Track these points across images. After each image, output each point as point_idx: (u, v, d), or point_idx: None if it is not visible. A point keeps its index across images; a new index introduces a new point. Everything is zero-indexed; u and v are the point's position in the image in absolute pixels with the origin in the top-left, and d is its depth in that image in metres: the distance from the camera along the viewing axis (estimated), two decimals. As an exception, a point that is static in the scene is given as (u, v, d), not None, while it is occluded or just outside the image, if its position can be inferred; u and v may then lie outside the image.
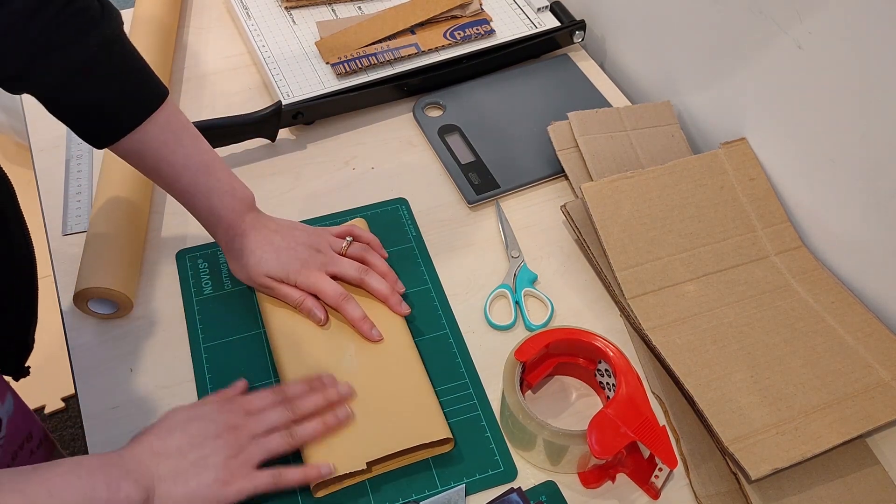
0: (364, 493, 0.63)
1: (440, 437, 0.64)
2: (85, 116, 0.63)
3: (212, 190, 0.68)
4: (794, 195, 0.80)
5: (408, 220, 0.83)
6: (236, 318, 0.74)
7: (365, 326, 0.70)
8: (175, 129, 0.66)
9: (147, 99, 0.64)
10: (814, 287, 0.76)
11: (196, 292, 0.76)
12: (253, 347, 0.72)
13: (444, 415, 0.66)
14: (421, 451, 0.65)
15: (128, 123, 0.64)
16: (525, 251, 0.81)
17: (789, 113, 0.77)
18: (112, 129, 0.64)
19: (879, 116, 0.68)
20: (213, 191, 0.68)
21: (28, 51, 0.57)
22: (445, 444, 0.66)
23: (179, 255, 0.79)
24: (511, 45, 0.98)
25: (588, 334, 0.67)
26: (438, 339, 0.73)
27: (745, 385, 0.68)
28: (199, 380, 0.69)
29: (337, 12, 1.01)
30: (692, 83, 0.91)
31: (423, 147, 0.91)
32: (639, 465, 0.64)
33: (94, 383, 0.69)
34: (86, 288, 0.69)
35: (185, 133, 0.67)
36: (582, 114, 0.86)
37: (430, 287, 0.77)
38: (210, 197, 0.69)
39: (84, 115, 0.63)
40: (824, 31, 0.70)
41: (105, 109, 0.63)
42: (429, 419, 0.65)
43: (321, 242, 0.73)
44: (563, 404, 0.70)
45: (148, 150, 0.65)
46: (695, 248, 0.77)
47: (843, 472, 0.65)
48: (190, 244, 0.80)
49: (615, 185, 0.78)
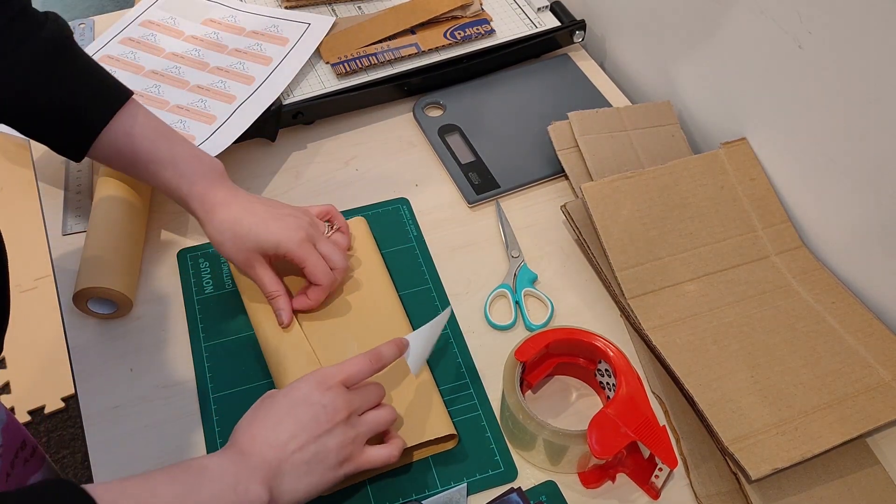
0: (364, 492, 0.63)
1: (445, 434, 0.64)
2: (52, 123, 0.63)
3: (176, 156, 0.67)
4: (794, 195, 0.80)
5: (409, 219, 0.83)
6: (237, 318, 0.74)
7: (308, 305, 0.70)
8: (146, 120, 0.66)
9: (111, 96, 0.64)
10: (814, 287, 0.76)
11: (197, 291, 0.76)
12: (254, 346, 0.72)
13: (447, 411, 0.67)
14: (425, 447, 0.65)
15: (96, 121, 0.63)
16: (525, 251, 0.81)
17: (789, 113, 0.77)
18: (82, 131, 0.63)
19: (879, 116, 0.68)
20: (177, 157, 0.67)
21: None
22: (449, 441, 0.66)
23: (181, 254, 0.79)
24: (511, 45, 0.98)
25: (588, 334, 0.67)
26: (439, 338, 0.73)
27: (745, 385, 0.67)
28: (200, 379, 0.69)
29: (337, 12, 1.01)
30: (692, 83, 0.91)
31: (423, 147, 0.91)
32: (639, 465, 0.64)
33: (94, 383, 0.69)
34: (86, 288, 0.69)
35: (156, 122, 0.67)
36: (582, 114, 0.86)
37: (431, 287, 0.77)
38: (176, 163, 0.67)
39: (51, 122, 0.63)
40: (824, 31, 0.70)
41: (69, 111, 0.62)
42: (433, 416, 0.65)
43: (307, 215, 0.71)
44: (563, 404, 0.70)
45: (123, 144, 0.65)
46: (695, 248, 0.77)
47: (843, 472, 0.65)
48: (190, 244, 0.80)
49: (615, 185, 0.78)
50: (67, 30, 0.63)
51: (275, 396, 0.58)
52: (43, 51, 0.60)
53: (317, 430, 0.56)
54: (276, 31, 0.95)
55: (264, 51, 0.92)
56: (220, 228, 0.67)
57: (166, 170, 0.66)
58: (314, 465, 0.55)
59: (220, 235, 0.67)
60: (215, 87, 0.88)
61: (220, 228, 0.67)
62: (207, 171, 0.68)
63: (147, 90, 0.88)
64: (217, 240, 0.68)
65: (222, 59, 0.92)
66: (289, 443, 0.55)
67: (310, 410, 0.57)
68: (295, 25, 0.96)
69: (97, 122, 0.63)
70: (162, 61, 0.91)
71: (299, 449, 0.55)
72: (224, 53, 0.92)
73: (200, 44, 0.94)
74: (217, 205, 0.67)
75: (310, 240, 0.69)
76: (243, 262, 0.68)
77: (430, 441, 0.64)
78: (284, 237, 0.67)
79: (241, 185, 0.85)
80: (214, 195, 0.68)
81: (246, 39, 0.94)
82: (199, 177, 0.67)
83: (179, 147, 0.67)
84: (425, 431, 0.64)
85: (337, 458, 0.57)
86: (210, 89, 0.88)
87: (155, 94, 0.87)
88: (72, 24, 0.99)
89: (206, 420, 0.67)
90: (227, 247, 0.68)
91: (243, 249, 0.67)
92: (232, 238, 0.67)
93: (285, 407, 0.57)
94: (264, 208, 0.69)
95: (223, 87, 0.88)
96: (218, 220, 0.67)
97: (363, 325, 0.71)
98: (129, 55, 0.91)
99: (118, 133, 0.64)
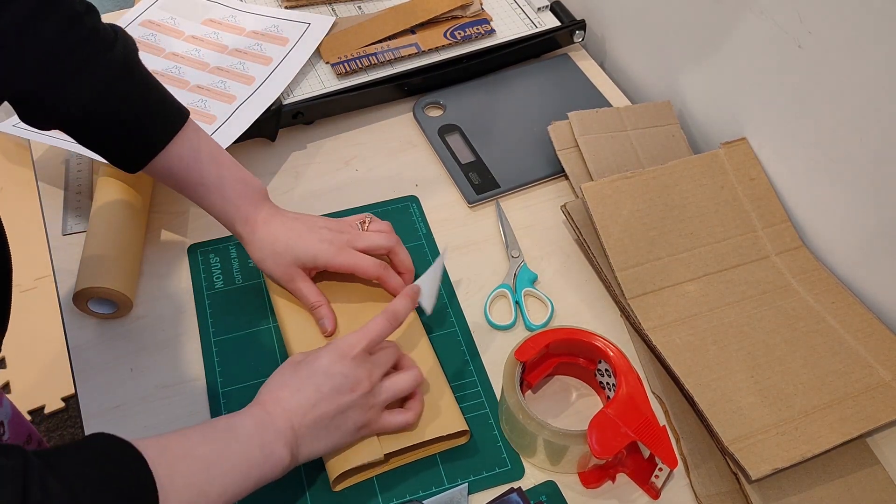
0: (371, 489, 0.64)
1: (457, 430, 0.65)
2: (116, 138, 0.65)
3: (223, 180, 0.69)
4: (794, 195, 0.80)
5: (418, 217, 0.83)
6: (247, 313, 0.74)
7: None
8: (200, 143, 0.68)
9: (173, 116, 0.66)
10: (814, 287, 0.76)
11: (207, 286, 0.76)
12: (264, 341, 0.72)
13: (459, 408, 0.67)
14: (437, 443, 0.66)
15: (158, 141, 0.65)
16: (525, 251, 0.81)
17: (789, 113, 0.77)
18: (143, 149, 0.66)
19: (879, 116, 0.68)
20: (224, 181, 0.69)
21: (61, 70, 0.59)
22: (461, 437, 0.66)
23: (191, 249, 0.79)
24: (511, 44, 0.98)
25: (588, 334, 0.67)
26: (448, 336, 0.74)
27: (745, 385, 0.68)
28: (209, 373, 0.70)
29: (337, 12, 1.01)
30: (692, 83, 0.91)
31: (423, 147, 0.91)
32: (639, 465, 0.64)
33: (94, 383, 0.69)
34: (86, 288, 0.69)
35: (208, 145, 0.69)
36: (582, 114, 0.86)
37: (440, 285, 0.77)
38: (223, 188, 0.69)
39: (115, 138, 0.65)
40: (824, 31, 0.70)
41: (134, 128, 0.64)
42: (446, 412, 0.66)
43: (342, 224, 0.73)
44: (563, 404, 0.70)
45: (176, 166, 0.67)
46: (695, 248, 0.77)
47: (843, 472, 0.65)
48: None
49: (615, 185, 0.78)
50: (134, 47, 0.65)
51: (299, 364, 0.61)
52: (113, 71, 0.62)
53: (338, 400, 0.59)
54: (276, 31, 0.95)
55: (264, 51, 0.92)
56: (260, 246, 0.70)
57: (213, 194, 0.69)
58: (332, 431, 0.59)
59: (261, 252, 0.70)
60: (215, 87, 0.88)
61: (261, 246, 0.70)
62: (251, 193, 0.70)
63: (147, 90, 0.88)
64: (258, 257, 0.70)
65: (222, 59, 0.92)
66: (310, 410, 0.58)
67: (330, 381, 0.59)
68: (295, 25, 0.96)
69: (158, 141, 0.65)
70: (162, 61, 0.91)
71: (320, 417, 0.58)
72: (224, 53, 0.92)
73: (200, 44, 0.94)
74: (259, 224, 0.70)
75: (348, 245, 0.71)
76: (283, 276, 0.70)
77: (442, 437, 0.65)
78: (321, 250, 0.69)
79: (241, 185, 0.85)
80: (257, 216, 0.70)
81: (246, 39, 0.94)
82: (243, 200, 0.69)
83: (227, 171, 0.69)
84: (438, 427, 0.64)
85: (355, 425, 0.60)
86: (210, 89, 0.88)
87: (155, 94, 0.87)
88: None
89: (215, 415, 0.67)
90: (268, 263, 0.70)
91: (282, 265, 0.70)
92: (272, 255, 0.70)
93: (307, 375, 0.59)
94: (302, 225, 0.71)
95: (223, 87, 0.88)
96: (258, 239, 0.70)
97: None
98: (129, 55, 0.91)
99: (173, 154, 0.66)
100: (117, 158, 0.67)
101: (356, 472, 0.64)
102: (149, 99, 0.65)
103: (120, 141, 0.65)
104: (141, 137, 0.65)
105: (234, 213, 0.69)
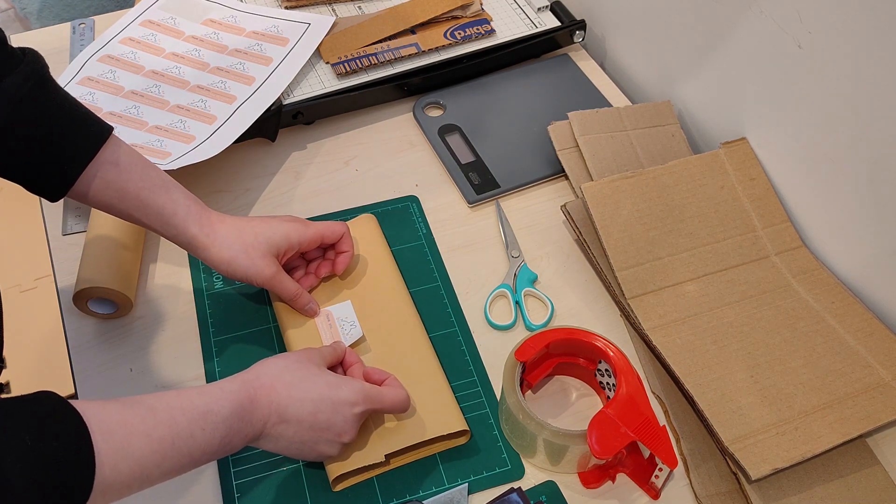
0: (371, 489, 0.64)
1: (458, 430, 0.65)
2: (32, 159, 0.60)
3: (167, 181, 0.65)
4: (794, 195, 0.80)
5: (418, 217, 0.83)
6: (247, 313, 0.74)
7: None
8: (132, 152, 0.64)
9: (94, 130, 0.62)
10: (814, 287, 0.76)
11: (207, 286, 0.76)
12: (264, 342, 0.72)
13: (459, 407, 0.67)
14: (437, 443, 0.66)
15: (81, 155, 0.61)
16: (525, 251, 0.81)
17: (789, 113, 0.77)
18: (66, 166, 0.61)
19: (879, 116, 0.68)
20: (168, 182, 0.65)
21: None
22: (461, 437, 0.66)
23: None
24: (511, 44, 0.98)
25: (588, 334, 0.67)
26: (448, 336, 0.74)
27: (745, 385, 0.68)
28: (209, 373, 0.70)
29: (337, 12, 1.01)
30: (692, 83, 0.91)
31: (423, 147, 0.91)
32: (639, 465, 0.64)
33: (94, 383, 0.69)
34: (86, 288, 0.69)
35: (137, 156, 0.65)
36: (582, 114, 0.86)
37: (440, 285, 0.77)
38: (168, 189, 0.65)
39: (31, 158, 0.60)
40: (824, 31, 0.70)
41: (52, 146, 0.60)
42: (446, 411, 0.66)
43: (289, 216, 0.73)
44: (563, 404, 0.70)
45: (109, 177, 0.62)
46: (695, 248, 0.77)
47: (843, 472, 0.65)
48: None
49: (615, 185, 0.78)
50: (44, 66, 0.61)
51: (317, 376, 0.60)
52: (21, 87, 0.58)
53: (322, 434, 0.59)
54: (277, 31, 0.95)
55: (264, 51, 0.92)
56: (226, 244, 0.66)
57: (159, 196, 0.64)
58: (294, 444, 0.59)
59: (230, 251, 0.66)
60: (215, 88, 0.88)
61: (227, 244, 0.66)
62: (195, 198, 0.67)
63: (147, 90, 0.88)
64: (227, 256, 0.65)
65: (222, 59, 0.92)
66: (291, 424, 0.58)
67: (328, 416, 0.59)
68: (295, 25, 0.96)
69: (83, 154, 0.61)
70: (162, 61, 0.91)
71: (294, 433, 0.58)
72: (224, 54, 0.92)
73: (200, 44, 0.94)
74: (216, 222, 0.66)
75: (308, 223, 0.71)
76: (262, 270, 0.67)
77: (443, 437, 0.65)
78: (291, 227, 0.69)
79: (240, 185, 0.86)
80: (209, 214, 0.67)
81: (246, 40, 0.94)
82: (191, 200, 0.66)
83: (167, 175, 0.66)
84: (438, 427, 0.64)
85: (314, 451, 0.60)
86: (210, 89, 0.88)
87: (155, 94, 0.87)
88: (72, 24, 1.00)
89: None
90: (241, 260, 0.66)
91: (258, 256, 0.66)
92: (243, 248, 0.66)
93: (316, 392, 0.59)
94: (255, 218, 0.70)
95: (223, 88, 0.88)
96: (221, 237, 0.66)
97: (375, 321, 0.72)
98: (129, 55, 0.91)
99: (105, 164, 0.62)
100: (38, 183, 0.62)
101: (356, 473, 0.64)
102: (66, 115, 0.61)
103: (37, 162, 0.60)
104: (61, 154, 0.60)
105: (186, 211, 0.65)
